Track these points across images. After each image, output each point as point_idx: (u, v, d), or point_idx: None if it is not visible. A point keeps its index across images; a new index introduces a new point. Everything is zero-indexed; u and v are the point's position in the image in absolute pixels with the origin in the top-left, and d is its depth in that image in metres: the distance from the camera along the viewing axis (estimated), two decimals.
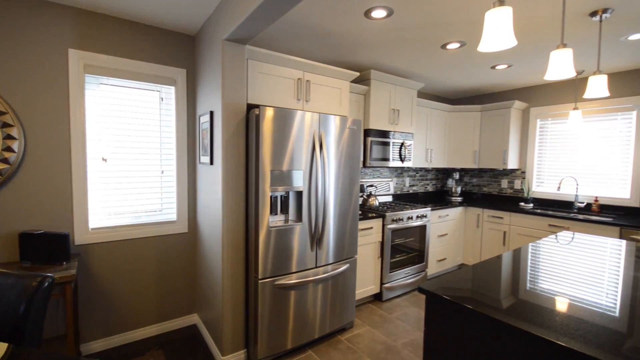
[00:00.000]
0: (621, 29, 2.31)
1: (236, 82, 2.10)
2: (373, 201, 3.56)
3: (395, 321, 2.81)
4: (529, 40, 2.55)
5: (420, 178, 4.62)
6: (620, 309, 1.14)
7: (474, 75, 3.63)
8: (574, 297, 1.25)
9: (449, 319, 1.21)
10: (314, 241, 2.35)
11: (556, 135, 3.88)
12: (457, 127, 4.33)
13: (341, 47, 2.78)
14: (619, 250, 1.94)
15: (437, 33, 2.44)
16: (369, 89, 3.26)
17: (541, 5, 1.98)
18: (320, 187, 2.35)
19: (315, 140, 2.29)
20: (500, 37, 1.26)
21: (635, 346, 0.90)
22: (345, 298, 2.59)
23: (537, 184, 4.05)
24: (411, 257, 3.43)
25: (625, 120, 3.34)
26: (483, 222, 3.95)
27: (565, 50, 1.66)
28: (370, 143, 3.27)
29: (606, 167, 3.47)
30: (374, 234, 3.08)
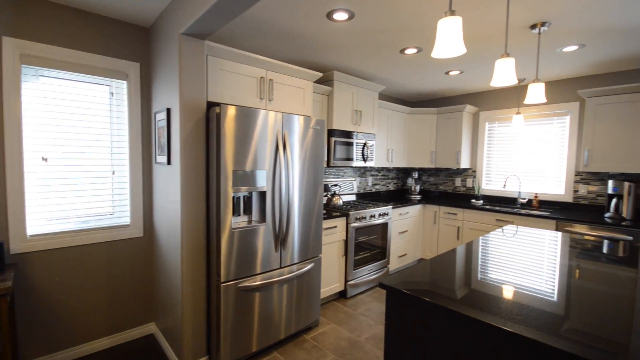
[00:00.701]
0: (557, 41, 2.57)
1: (195, 79, 2.02)
2: (337, 200, 3.61)
3: (359, 317, 2.88)
4: (477, 49, 2.74)
5: (382, 177, 4.77)
6: (558, 294, 1.27)
7: (431, 80, 3.83)
8: (518, 284, 1.37)
9: (407, 311, 1.27)
10: (279, 241, 2.33)
11: (502, 137, 4.21)
12: (416, 129, 4.53)
13: (304, 47, 2.78)
14: (555, 241, 2.16)
15: (396, 38, 2.54)
16: (332, 90, 3.30)
17: (488, 17, 2.14)
18: (284, 187, 2.33)
19: (279, 140, 2.27)
20: (451, 44, 1.34)
21: (571, 327, 1.00)
22: (311, 297, 2.60)
23: (486, 182, 4.37)
24: (374, 254, 3.53)
25: (560, 124, 3.72)
26: (440, 218, 4.18)
27: (508, 60, 1.81)
28: (334, 143, 3.32)
29: (544, 166, 3.84)
30: (338, 232, 3.12)
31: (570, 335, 0.95)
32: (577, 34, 2.42)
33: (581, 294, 1.28)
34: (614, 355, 0.84)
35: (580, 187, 3.56)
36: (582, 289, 1.33)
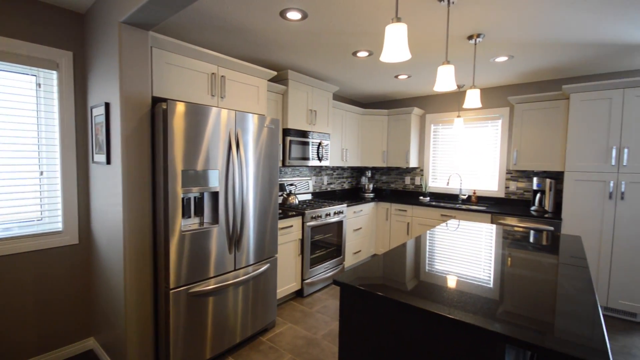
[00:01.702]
0: (491, 52, 2.84)
1: (137, 72, 1.88)
2: (293, 200, 3.61)
3: (315, 315, 2.91)
4: (422, 55, 2.93)
5: (337, 176, 4.87)
6: (494, 281, 1.41)
7: (381, 83, 3.99)
8: (460, 274, 1.49)
9: (360, 305, 1.31)
10: (233, 243, 2.27)
11: (446, 139, 4.55)
12: (369, 129, 4.70)
13: (258, 45, 2.73)
14: (491, 233, 2.39)
15: (349, 41, 2.61)
16: (287, 89, 3.29)
17: (431, 26, 2.30)
18: (238, 187, 2.27)
19: (232, 138, 2.21)
20: (398, 50, 1.42)
21: (505, 310, 1.12)
22: (267, 298, 2.57)
23: (432, 180, 4.68)
24: (330, 251, 3.59)
25: (494, 127, 4.12)
26: (391, 215, 4.38)
27: (448, 67, 1.96)
28: (289, 142, 3.31)
29: (481, 165, 4.22)
30: (294, 232, 3.13)
31: (504, 317, 1.06)
32: (507, 46, 2.70)
33: (513, 280, 1.43)
34: (542, 334, 0.96)
35: (510, 184, 3.98)
36: (514, 275, 1.49)
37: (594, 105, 2.98)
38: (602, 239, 2.97)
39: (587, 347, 0.89)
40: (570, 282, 1.41)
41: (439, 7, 2.02)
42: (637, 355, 2.37)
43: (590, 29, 2.32)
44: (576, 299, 1.22)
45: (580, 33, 2.39)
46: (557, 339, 0.93)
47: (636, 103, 2.80)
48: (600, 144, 2.97)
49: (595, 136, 2.98)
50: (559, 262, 1.70)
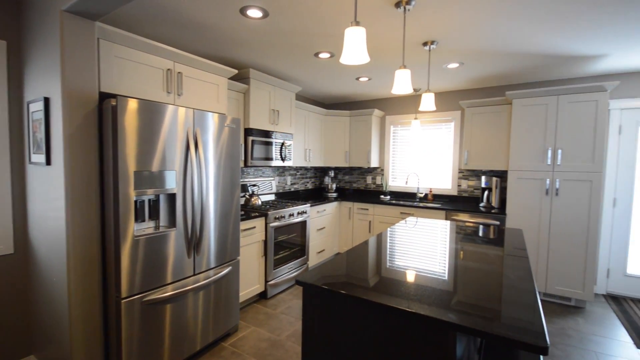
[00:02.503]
0: (443, 58, 3.01)
1: (82, 65, 1.73)
2: (255, 201, 3.55)
3: (279, 316, 2.89)
4: (381, 59, 3.03)
5: (301, 176, 4.87)
6: (448, 274, 1.50)
7: (343, 84, 4.07)
8: (418, 268, 1.57)
9: (322, 304, 1.33)
10: (192, 247, 2.18)
11: (404, 139, 4.75)
12: (331, 130, 4.76)
13: (218, 42, 2.65)
14: (445, 229, 2.53)
15: (310, 41, 2.63)
16: (249, 88, 3.22)
17: (389, 31, 2.39)
18: (197, 188, 2.19)
19: (190, 138, 2.12)
20: (357, 53, 1.45)
21: (459, 300, 1.20)
22: (229, 302, 2.50)
23: (392, 179, 4.86)
24: (294, 252, 3.59)
25: (447, 129, 4.38)
26: (354, 214, 4.48)
27: (405, 71, 2.05)
28: (251, 142, 3.25)
29: (436, 165, 4.46)
30: (257, 233, 3.08)
31: (458, 307, 1.13)
32: (458, 54, 2.88)
33: (465, 272, 1.54)
34: (490, 320, 1.04)
35: (462, 182, 4.25)
36: (466, 267, 1.60)
37: (533, 110, 3.30)
38: (540, 231, 3.29)
39: (528, 330, 0.98)
40: (513, 271, 1.54)
41: (396, 13, 2.10)
42: (573, 335, 2.66)
43: (531, 41, 2.56)
44: (518, 287, 1.34)
45: (522, 44, 2.63)
46: (503, 324, 1.01)
47: (568, 108, 3.13)
48: (538, 145, 3.28)
49: (534, 138, 3.29)
50: (504, 253, 1.86)
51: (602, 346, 2.49)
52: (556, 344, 2.52)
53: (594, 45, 2.63)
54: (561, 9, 2.02)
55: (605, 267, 3.52)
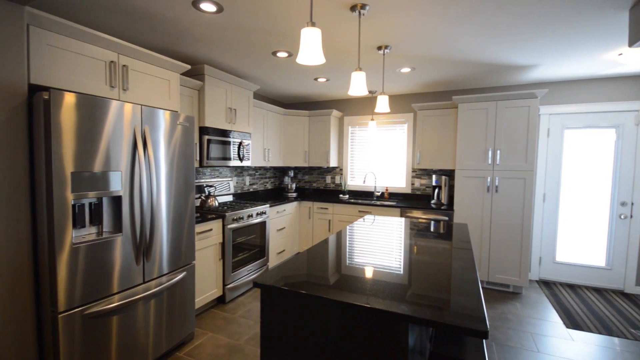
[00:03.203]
0: (397, 63, 3.15)
1: (7, 54, 1.54)
2: (212, 202, 3.42)
3: (239, 320, 2.82)
4: (338, 61, 3.09)
5: (260, 177, 4.79)
6: (404, 268, 1.57)
7: (302, 84, 4.07)
8: (375, 264, 1.62)
9: (282, 305, 1.32)
10: (141, 253, 2.04)
11: (362, 140, 4.89)
12: (290, 129, 4.75)
13: (170, 35, 2.51)
14: (400, 226, 2.65)
15: (268, 40, 2.59)
16: (204, 85, 3.10)
17: (345, 34, 2.44)
18: (147, 190, 2.05)
19: (138, 136, 1.98)
20: (313, 53, 1.47)
21: (413, 292, 1.26)
22: (184, 309, 2.38)
23: (350, 179, 4.98)
24: (253, 253, 3.52)
25: (401, 130, 4.59)
26: (314, 213, 4.51)
27: (360, 73, 2.11)
28: (207, 142, 3.12)
29: (392, 164, 4.66)
30: (214, 235, 2.97)
31: (412, 299, 1.19)
32: (410, 59, 3.03)
33: (418, 265, 1.62)
34: (440, 310, 1.11)
35: (415, 181, 4.49)
36: (419, 261, 1.69)
37: (476, 114, 3.58)
38: (482, 225, 3.58)
39: (471, 316, 1.06)
40: (459, 263, 1.66)
41: (352, 17, 2.16)
42: (512, 319, 2.93)
43: (474, 50, 2.78)
44: (463, 277, 1.45)
45: (467, 53, 2.84)
46: (450, 313, 1.08)
47: (505, 113, 3.45)
48: (480, 146, 3.57)
49: (477, 140, 3.58)
50: (452, 246, 1.99)
51: (536, 327, 2.78)
52: (497, 328, 2.76)
53: (527, 56, 2.92)
54: (499, 22, 2.22)
55: (538, 256, 3.94)
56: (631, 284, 3.55)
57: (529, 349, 2.45)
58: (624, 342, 2.54)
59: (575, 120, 3.72)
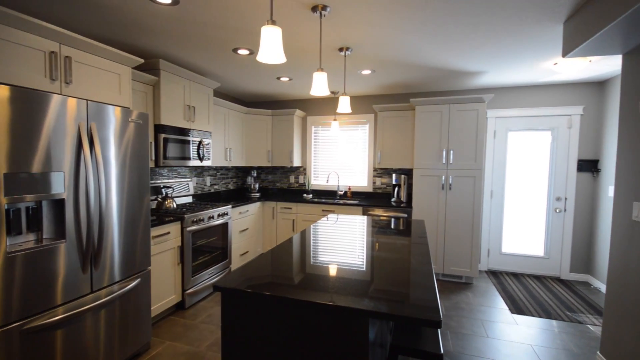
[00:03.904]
0: (358, 64, 3.23)
1: None
2: (170, 204, 3.26)
3: (199, 326, 2.71)
4: (301, 60, 3.09)
5: (221, 177, 4.65)
6: (366, 265, 1.62)
7: (264, 83, 4.02)
8: (339, 262, 1.65)
9: (243, 307, 1.30)
10: (89, 260, 1.89)
11: (325, 140, 4.94)
12: (253, 129, 4.67)
13: (122, 26, 2.35)
14: (363, 224, 2.73)
15: (228, 36, 2.53)
16: (159, 80, 2.94)
17: (307, 34, 2.46)
18: (94, 192, 1.91)
19: (83, 133, 1.83)
20: (273, 52, 1.46)
21: (376, 288, 1.30)
22: (139, 318, 2.25)
23: (314, 178, 5.01)
24: (215, 256, 3.41)
25: (363, 131, 4.71)
26: (277, 213, 4.48)
27: (322, 74, 2.14)
28: (163, 140, 2.97)
29: (354, 164, 4.77)
30: (172, 239, 2.83)
31: (375, 294, 1.23)
32: (370, 62, 3.12)
33: (380, 261, 1.68)
34: (401, 303, 1.16)
35: (376, 180, 4.63)
36: (381, 258, 1.75)
37: (431, 116, 3.78)
38: (438, 221, 3.79)
39: (426, 308, 1.12)
40: (417, 258, 1.75)
41: (314, 17, 2.17)
42: (464, 307, 3.13)
43: (429, 56, 2.93)
44: (420, 271, 1.53)
45: (423, 58, 2.98)
46: (408, 305, 1.14)
47: (457, 116, 3.68)
48: (435, 146, 3.78)
49: (433, 141, 3.78)
50: (410, 242, 2.09)
51: (486, 314, 3.01)
52: (452, 317, 2.94)
53: (476, 63, 3.15)
54: (451, 30, 2.36)
55: (487, 248, 4.26)
56: (566, 271, 3.97)
57: (480, 334, 2.65)
58: (561, 324, 2.84)
59: (517, 123, 4.07)
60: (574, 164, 3.86)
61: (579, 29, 1.99)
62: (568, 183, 3.91)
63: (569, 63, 3.06)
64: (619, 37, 1.83)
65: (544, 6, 1.99)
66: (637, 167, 1.93)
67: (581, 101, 3.83)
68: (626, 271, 1.99)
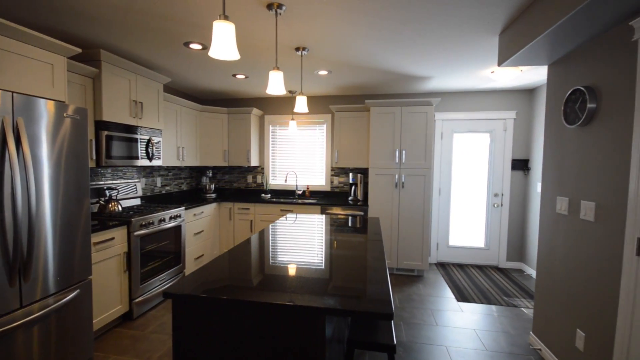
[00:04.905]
0: (314, 65, 3.26)
1: None
2: (115, 207, 3.02)
3: (150, 336, 2.55)
4: (257, 58, 3.05)
5: (174, 177, 4.41)
6: (325, 263, 1.64)
7: (220, 80, 3.89)
8: (299, 261, 1.66)
9: (197, 313, 1.25)
10: (16, 272, 1.68)
11: (283, 139, 4.91)
12: (208, 127, 4.49)
13: (58, 12, 2.12)
14: (321, 222, 2.76)
15: (179, 29, 2.41)
16: (100, 72, 2.70)
17: (263, 32, 2.43)
18: (21, 195, 1.70)
19: (7, 129, 1.63)
20: (226, 48, 1.42)
21: (335, 286, 1.33)
22: (79, 332, 2.05)
23: (272, 178, 4.96)
24: (167, 261, 3.22)
25: (320, 131, 4.77)
26: (234, 214, 4.36)
27: (278, 73, 2.13)
28: (106, 138, 2.73)
29: (313, 163, 4.81)
30: (118, 244, 2.62)
31: (333, 291, 1.26)
32: (327, 62, 3.17)
33: (338, 259, 1.72)
34: (357, 299, 1.19)
35: (334, 179, 4.72)
36: (339, 255, 1.79)
37: (385, 117, 3.95)
38: (392, 217, 3.97)
39: (379, 301, 1.18)
40: (372, 254, 1.82)
41: (269, 15, 2.15)
42: (416, 299, 3.32)
43: (382, 60, 3.05)
44: (375, 266, 1.60)
45: (376, 61, 3.10)
46: (363, 300, 1.18)
47: (408, 118, 3.88)
48: (389, 146, 3.95)
49: (386, 141, 3.95)
50: (366, 239, 2.17)
51: (435, 304, 3.22)
52: (405, 308, 3.11)
53: (424, 69, 3.34)
54: (403, 36, 2.49)
55: (436, 242, 4.55)
56: (503, 260, 4.38)
57: (430, 323, 2.83)
58: (500, 308, 3.13)
59: (461, 125, 4.41)
60: (509, 163, 4.28)
61: (512, 41, 2.21)
62: (504, 180, 4.32)
63: (504, 72, 3.38)
64: (545, 49, 2.07)
65: (481, 19, 2.18)
66: (560, 165, 2.20)
67: (514, 106, 4.25)
68: (552, 258, 2.26)
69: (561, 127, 2.18)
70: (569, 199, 2.08)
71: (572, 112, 2.01)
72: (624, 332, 1.58)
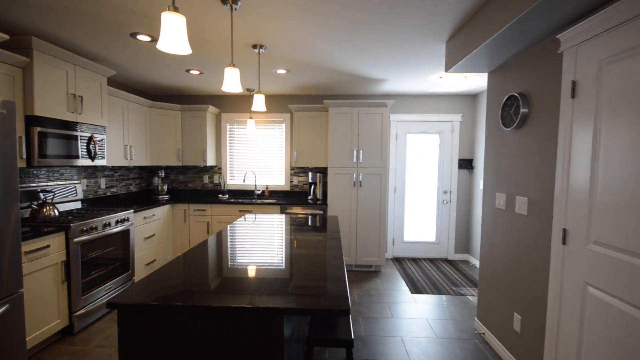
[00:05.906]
0: (272, 63, 3.23)
1: None
2: (50, 211, 2.73)
3: (94, 351, 2.35)
4: (212, 54, 2.94)
5: (121, 178, 4.10)
6: (285, 263, 1.64)
7: (172, 75, 3.69)
8: (258, 262, 1.64)
9: (146, 323, 1.19)
10: None
11: (241, 138, 4.80)
12: (159, 124, 4.23)
13: None
14: (281, 222, 2.75)
15: (125, 18, 2.24)
16: (32, 62, 2.42)
17: (218, 28, 2.35)
18: None
19: None
20: (176, 41, 1.36)
21: (295, 285, 1.33)
22: (10, 352, 1.83)
23: (230, 178, 4.82)
24: (113, 268, 2.99)
25: (279, 130, 4.73)
26: (190, 216, 4.17)
27: (234, 70, 2.07)
28: (38, 135, 2.46)
29: (272, 163, 4.76)
30: (54, 253, 2.38)
31: (293, 291, 1.26)
32: (285, 61, 3.16)
33: (298, 258, 1.72)
34: (317, 297, 1.21)
35: (294, 179, 4.72)
36: (299, 255, 1.79)
37: (343, 117, 4.03)
38: (350, 216, 4.08)
39: (336, 298, 1.21)
40: (331, 252, 1.85)
41: (224, 10, 2.09)
42: (373, 293, 3.44)
43: (339, 61, 3.11)
44: (333, 264, 1.63)
45: (335, 62, 3.15)
46: (321, 298, 1.20)
47: (365, 118, 4.01)
48: (347, 146, 4.05)
49: (345, 141, 4.04)
50: (326, 238, 2.20)
51: (391, 297, 3.36)
52: (363, 303, 3.21)
53: (379, 71, 3.47)
54: (359, 39, 2.56)
55: (392, 238, 4.76)
56: (452, 253, 4.71)
57: (386, 316, 2.95)
58: (449, 297, 3.36)
59: (414, 126, 4.65)
60: (456, 162, 4.61)
61: (457, 49, 2.39)
62: (452, 178, 4.64)
63: (451, 77, 3.63)
64: (485, 58, 2.26)
65: (429, 27, 2.32)
66: (498, 164, 2.42)
67: (460, 110, 4.58)
68: (492, 249, 2.48)
69: (499, 130, 2.40)
70: (506, 195, 2.29)
71: (508, 116, 2.22)
72: (553, 313, 1.78)
